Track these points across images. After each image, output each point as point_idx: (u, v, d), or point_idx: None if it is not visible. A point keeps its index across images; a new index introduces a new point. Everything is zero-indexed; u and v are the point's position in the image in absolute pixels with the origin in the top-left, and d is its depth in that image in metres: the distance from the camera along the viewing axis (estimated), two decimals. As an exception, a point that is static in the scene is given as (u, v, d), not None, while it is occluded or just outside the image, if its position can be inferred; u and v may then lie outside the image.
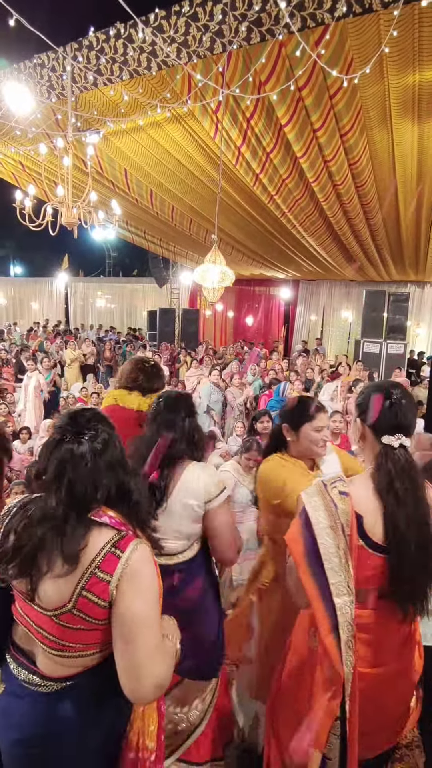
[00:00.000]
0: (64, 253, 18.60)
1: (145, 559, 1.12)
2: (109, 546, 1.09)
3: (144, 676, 1.08)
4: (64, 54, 4.41)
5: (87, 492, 1.11)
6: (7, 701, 1.17)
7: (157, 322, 13.05)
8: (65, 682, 1.14)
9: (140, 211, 8.36)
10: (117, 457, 1.18)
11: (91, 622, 1.08)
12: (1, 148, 6.32)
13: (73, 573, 1.07)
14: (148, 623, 1.09)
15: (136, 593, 1.08)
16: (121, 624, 1.08)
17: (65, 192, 4.18)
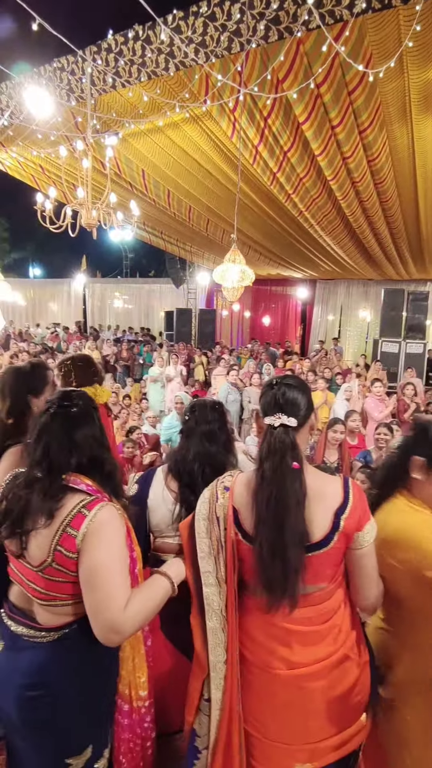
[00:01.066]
0: (83, 254, 18.81)
1: (110, 517, 1.22)
2: (79, 506, 1.21)
3: (100, 619, 1.17)
4: (83, 57, 4.47)
5: (61, 455, 1.25)
6: (8, 655, 1.28)
7: (174, 323, 13.10)
8: (62, 630, 1.24)
9: (158, 211, 8.41)
10: (93, 432, 1.32)
11: (69, 574, 1.20)
12: (22, 152, 6.43)
13: (50, 530, 1.20)
14: (109, 571, 1.18)
15: (97, 545, 1.18)
16: (86, 573, 1.18)
17: (85, 194, 4.23)
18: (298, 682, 1.22)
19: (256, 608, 1.25)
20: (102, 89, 4.58)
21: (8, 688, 1.25)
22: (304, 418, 1.22)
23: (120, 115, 4.69)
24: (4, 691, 1.26)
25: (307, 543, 1.17)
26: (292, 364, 9.83)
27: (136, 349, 11.92)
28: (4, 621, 1.31)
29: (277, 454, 1.18)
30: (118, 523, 1.24)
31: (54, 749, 1.25)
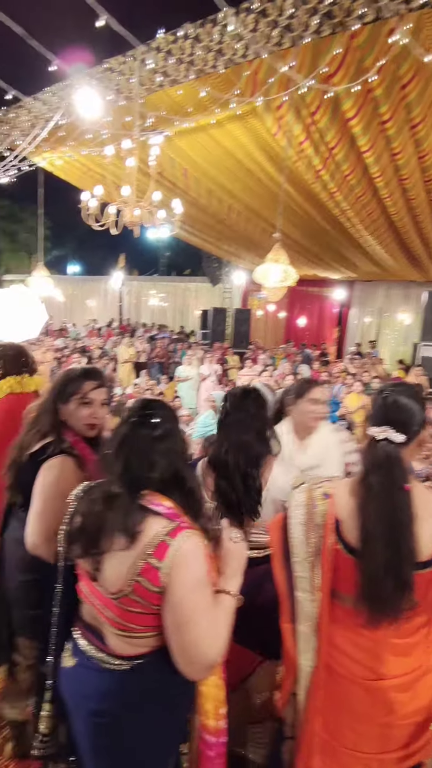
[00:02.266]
0: (120, 252, 19.09)
1: (195, 548, 1.14)
2: (162, 534, 1.13)
3: (195, 660, 1.12)
4: (133, 57, 4.51)
5: (142, 470, 1.18)
6: (82, 673, 1.25)
7: (209, 322, 13.12)
8: (135, 661, 1.18)
9: (197, 210, 8.43)
10: (176, 447, 1.24)
11: (149, 606, 1.13)
12: (70, 152, 6.57)
13: (129, 556, 1.12)
14: (199, 610, 1.11)
15: (185, 582, 1.11)
16: (173, 611, 1.12)
17: (130, 193, 4.27)
18: (383, 693, 1.21)
19: (346, 617, 1.24)
20: (150, 89, 4.61)
21: (80, 711, 1.23)
22: (414, 433, 1.18)
23: (165, 116, 4.72)
24: (77, 714, 1.24)
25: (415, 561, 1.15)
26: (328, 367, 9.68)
27: (171, 347, 11.99)
28: (75, 638, 1.28)
29: (381, 469, 1.16)
30: (202, 553, 1.16)
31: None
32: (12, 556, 1.77)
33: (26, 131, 5.65)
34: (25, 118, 5.76)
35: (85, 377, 1.73)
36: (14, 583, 1.75)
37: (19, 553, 1.69)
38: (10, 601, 1.81)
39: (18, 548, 1.69)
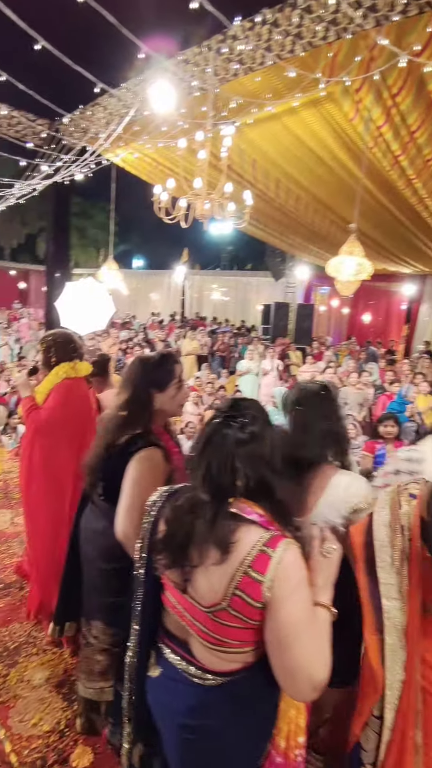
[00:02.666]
0: (183, 247, 19.34)
1: (296, 558, 1.07)
2: (260, 544, 1.06)
3: (301, 679, 1.04)
4: (208, 47, 4.48)
5: (223, 475, 1.10)
6: (170, 685, 1.19)
7: (271, 317, 12.97)
8: (225, 677, 1.13)
9: (263, 202, 8.30)
10: (262, 452, 1.13)
11: (247, 621, 1.07)
12: (141, 148, 6.69)
13: (225, 569, 1.05)
14: (304, 628, 1.04)
15: (290, 597, 1.04)
16: (277, 627, 1.05)
17: (202, 185, 4.26)
18: None
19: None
20: (224, 78, 4.56)
21: (168, 722, 1.21)
22: None
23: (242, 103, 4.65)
24: (164, 724, 1.23)
25: None
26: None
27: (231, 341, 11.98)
28: (159, 647, 1.25)
29: None
30: (302, 564, 1.10)
31: None
32: (93, 545, 1.81)
33: (101, 128, 5.81)
34: (101, 115, 5.93)
35: (174, 361, 1.74)
36: (95, 571, 1.79)
37: (101, 542, 1.73)
38: (88, 586, 1.85)
39: (99, 538, 1.73)
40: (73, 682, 2.30)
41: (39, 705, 2.17)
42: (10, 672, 2.34)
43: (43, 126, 6.31)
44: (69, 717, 2.11)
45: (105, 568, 1.74)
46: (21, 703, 2.18)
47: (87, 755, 1.93)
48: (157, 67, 4.82)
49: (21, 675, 2.33)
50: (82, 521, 1.88)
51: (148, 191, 4.44)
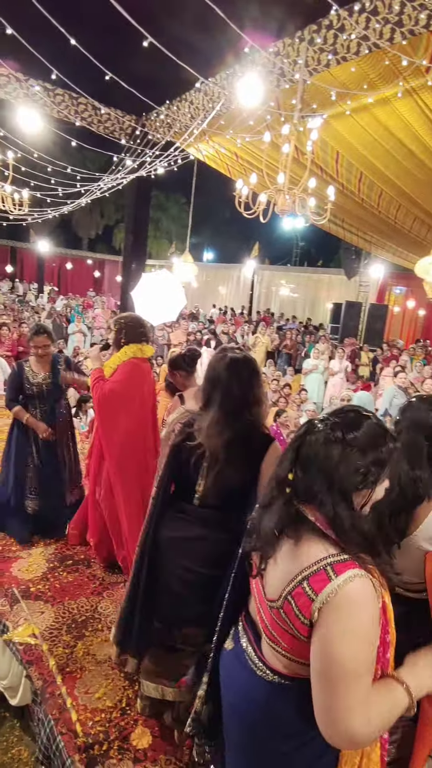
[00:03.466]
0: (255, 241, 19.25)
1: (364, 595, 0.96)
2: (326, 562, 0.99)
3: (338, 726, 0.96)
4: (299, 38, 4.38)
5: (282, 469, 1.10)
6: (232, 663, 1.22)
7: (342, 316, 12.58)
8: (283, 680, 1.10)
9: (344, 197, 8.02)
10: (326, 460, 1.04)
11: (294, 632, 1.03)
12: (220, 140, 6.70)
13: (288, 570, 1.04)
14: (351, 674, 0.95)
15: (342, 631, 0.95)
16: (319, 658, 0.98)
17: (285, 179, 4.19)
18: None
19: None
20: (314, 69, 4.43)
21: (228, 698, 1.22)
22: None
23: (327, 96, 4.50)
24: (226, 698, 1.24)
25: None
26: None
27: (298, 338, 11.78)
28: (239, 624, 1.28)
29: None
30: (372, 604, 0.98)
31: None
32: (188, 552, 1.75)
33: (186, 123, 5.88)
34: (186, 110, 5.99)
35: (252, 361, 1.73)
36: (194, 577, 1.71)
37: (202, 549, 1.70)
38: (179, 595, 1.77)
39: (197, 545, 1.71)
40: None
41: (103, 680, 2.27)
42: (78, 644, 2.47)
43: (131, 121, 6.50)
44: (130, 696, 2.19)
45: (208, 573, 1.66)
46: (87, 675, 2.29)
47: (146, 737, 2.00)
48: (245, 60, 4.78)
49: (87, 648, 2.45)
50: (163, 531, 1.80)
51: (221, 185, 4.45)
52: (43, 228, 18.72)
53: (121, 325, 2.83)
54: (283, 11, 4.27)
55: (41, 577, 2.94)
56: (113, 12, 3.46)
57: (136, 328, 2.83)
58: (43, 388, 3.27)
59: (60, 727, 1.99)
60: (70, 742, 1.93)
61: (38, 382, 3.27)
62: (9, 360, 8.00)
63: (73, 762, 1.86)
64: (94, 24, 3.95)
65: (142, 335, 2.83)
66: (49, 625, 2.57)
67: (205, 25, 4.25)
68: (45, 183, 6.53)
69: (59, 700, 2.13)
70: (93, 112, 6.16)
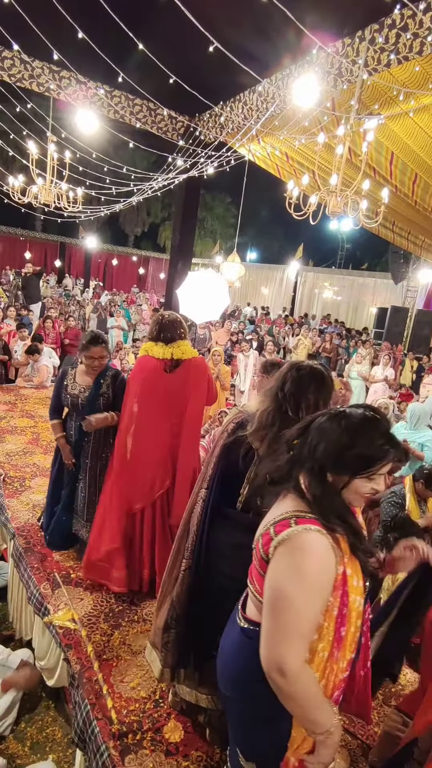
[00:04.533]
0: (299, 242, 19.04)
1: (317, 547, 1.09)
2: (292, 513, 1.14)
3: (272, 650, 1.10)
4: (359, 38, 4.30)
5: (297, 451, 1.21)
6: (229, 623, 1.39)
7: (387, 321, 12.27)
8: (250, 626, 1.25)
9: (397, 200, 7.81)
10: (318, 439, 1.17)
11: (258, 568, 1.20)
12: (271, 141, 6.66)
13: (267, 519, 1.20)
14: (293, 609, 1.08)
15: (289, 569, 1.09)
16: (267, 588, 1.13)
17: (338, 181, 4.13)
18: None
19: None
20: (374, 69, 4.34)
21: (219, 655, 1.36)
22: None
23: (391, 96, 4.40)
24: (220, 660, 1.36)
25: None
26: None
27: (343, 343, 11.57)
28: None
29: None
30: (324, 559, 1.09)
31: (233, 735, 1.36)
32: (233, 557, 1.65)
33: (239, 123, 5.89)
34: (239, 111, 6.00)
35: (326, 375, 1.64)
36: (230, 584, 1.60)
37: (245, 556, 1.53)
38: (221, 601, 1.64)
39: (241, 551, 1.55)
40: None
41: (138, 670, 2.32)
42: (114, 633, 2.53)
43: (184, 121, 6.58)
44: (164, 689, 2.23)
45: (244, 582, 1.55)
46: (122, 664, 2.35)
47: (178, 731, 2.03)
48: (302, 61, 4.74)
49: (123, 638, 2.51)
50: (219, 536, 1.76)
51: (267, 185, 4.43)
52: (91, 224, 19.26)
53: (160, 323, 2.82)
54: (344, 11, 4.21)
55: (81, 565, 3.04)
56: (175, 17, 3.51)
57: (178, 326, 2.81)
58: (78, 401, 2.90)
59: (96, 713, 2.06)
60: (105, 728, 1.99)
61: (75, 394, 2.91)
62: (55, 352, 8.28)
63: (107, 748, 1.91)
64: (157, 28, 4.02)
65: (180, 335, 2.79)
66: (88, 611, 2.65)
67: (263, 27, 4.25)
68: (99, 182, 6.71)
69: (96, 686, 2.19)
70: (148, 113, 6.27)
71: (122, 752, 1.90)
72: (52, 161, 5.61)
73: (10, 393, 6.30)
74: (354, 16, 4.23)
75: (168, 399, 2.71)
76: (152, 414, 2.72)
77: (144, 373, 2.75)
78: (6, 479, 3.96)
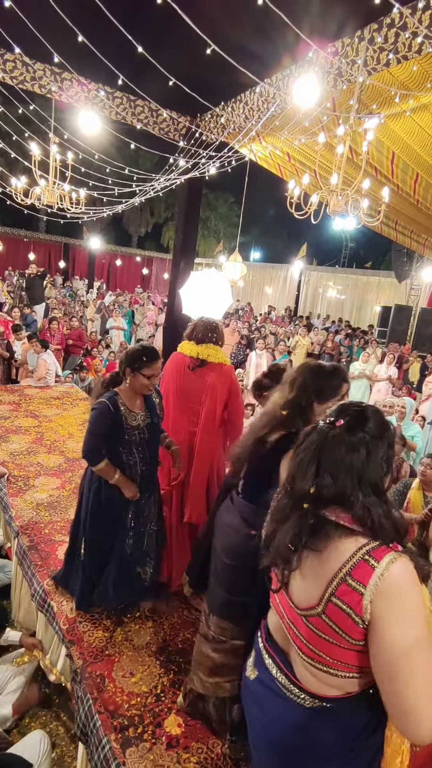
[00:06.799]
0: (303, 241, 19.02)
1: (407, 575, 0.95)
2: (362, 552, 0.98)
3: (421, 720, 0.91)
4: (359, 38, 4.31)
5: (302, 479, 1.06)
6: (263, 692, 1.17)
7: (390, 320, 12.25)
8: (323, 703, 1.06)
9: (399, 198, 7.81)
10: (352, 461, 1.03)
11: (344, 636, 0.99)
12: (273, 141, 6.68)
13: (322, 575, 1.01)
14: (415, 656, 0.91)
15: (396, 617, 0.92)
16: (380, 654, 0.94)
17: (338, 180, 4.14)
18: None
19: None
20: (373, 69, 4.35)
21: (257, 730, 1.18)
22: None
23: (390, 95, 4.40)
24: (253, 731, 1.20)
25: None
26: None
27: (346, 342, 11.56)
28: (259, 648, 1.23)
29: None
30: (418, 582, 0.96)
31: None
32: (222, 538, 1.84)
33: (240, 124, 5.91)
34: (240, 111, 6.02)
35: (342, 378, 1.67)
36: (220, 565, 1.83)
37: (229, 538, 1.78)
38: (212, 580, 1.89)
39: (228, 533, 1.78)
40: (171, 651, 2.46)
41: (139, 666, 2.35)
42: (117, 629, 2.57)
43: (186, 122, 6.60)
44: (165, 683, 2.26)
45: (228, 563, 1.78)
46: (124, 659, 2.38)
47: (179, 724, 2.06)
48: (303, 61, 4.75)
49: (126, 634, 2.55)
50: (219, 513, 1.92)
51: (270, 185, 4.45)
52: (95, 225, 19.32)
53: (194, 323, 2.95)
54: (343, 11, 4.21)
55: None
56: (176, 18, 3.54)
57: (206, 329, 2.87)
58: (145, 433, 2.44)
59: (98, 707, 2.09)
60: (106, 722, 2.02)
61: (137, 425, 2.40)
62: (58, 354, 8.35)
63: (109, 741, 1.94)
64: (157, 30, 4.05)
65: (209, 337, 2.86)
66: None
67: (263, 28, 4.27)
68: (101, 183, 6.75)
69: (98, 680, 2.23)
70: (150, 114, 6.30)
71: (123, 745, 1.93)
72: (54, 162, 5.65)
73: (14, 393, 6.36)
74: (354, 16, 4.23)
75: (187, 395, 2.83)
76: (171, 404, 2.87)
77: (171, 365, 2.89)
78: (10, 478, 4.01)
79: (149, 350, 2.36)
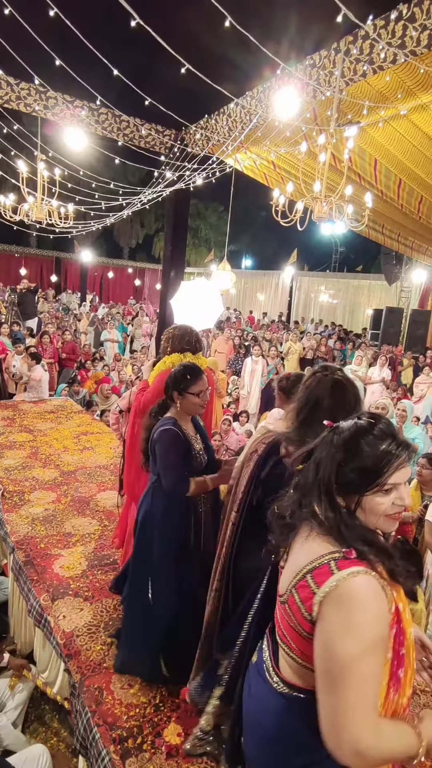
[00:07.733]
0: (293, 247, 19.20)
1: (369, 592, 0.92)
2: (330, 557, 0.98)
3: (342, 732, 0.90)
4: (335, 50, 4.41)
5: (308, 476, 1.08)
6: (254, 677, 1.22)
7: (382, 322, 12.36)
8: (295, 692, 1.07)
9: (383, 204, 7.93)
10: (329, 461, 1.03)
11: (297, 628, 1.01)
12: (257, 150, 6.78)
13: (294, 568, 1.04)
14: (356, 674, 0.89)
15: (343, 627, 0.90)
16: (321, 656, 0.94)
17: (321, 188, 4.22)
18: None
19: None
20: (350, 80, 4.45)
21: (250, 724, 1.20)
22: None
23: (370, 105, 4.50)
24: (245, 713, 1.22)
25: None
26: None
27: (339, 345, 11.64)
28: (265, 636, 1.26)
29: None
30: (378, 604, 0.92)
31: None
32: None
33: (224, 136, 6.00)
34: (224, 123, 6.12)
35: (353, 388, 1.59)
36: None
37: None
38: None
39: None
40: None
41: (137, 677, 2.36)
42: (114, 642, 2.57)
43: (170, 136, 6.70)
44: (164, 693, 2.26)
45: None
46: (122, 671, 2.38)
47: (179, 734, 2.06)
48: (283, 73, 4.85)
49: (123, 646, 2.55)
50: (248, 561, 1.64)
51: (259, 192, 4.54)
52: (86, 238, 19.42)
53: (168, 335, 2.86)
54: (320, 25, 4.32)
55: (80, 575, 3.08)
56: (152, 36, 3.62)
57: (182, 338, 2.81)
58: (204, 457, 2.28)
59: (96, 719, 2.09)
60: (105, 734, 2.03)
61: (199, 449, 2.26)
62: (51, 367, 8.37)
63: (108, 753, 1.95)
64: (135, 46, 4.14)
65: (187, 344, 2.81)
66: (88, 621, 2.68)
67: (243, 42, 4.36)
68: (89, 197, 6.82)
69: (96, 693, 2.23)
70: (134, 128, 6.39)
71: (123, 756, 1.94)
72: (42, 179, 5.72)
73: (8, 408, 6.37)
74: (330, 29, 4.33)
75: None
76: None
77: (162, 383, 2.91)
78: (5, 493, 4.01)
79: (191, 368, 2.21)
